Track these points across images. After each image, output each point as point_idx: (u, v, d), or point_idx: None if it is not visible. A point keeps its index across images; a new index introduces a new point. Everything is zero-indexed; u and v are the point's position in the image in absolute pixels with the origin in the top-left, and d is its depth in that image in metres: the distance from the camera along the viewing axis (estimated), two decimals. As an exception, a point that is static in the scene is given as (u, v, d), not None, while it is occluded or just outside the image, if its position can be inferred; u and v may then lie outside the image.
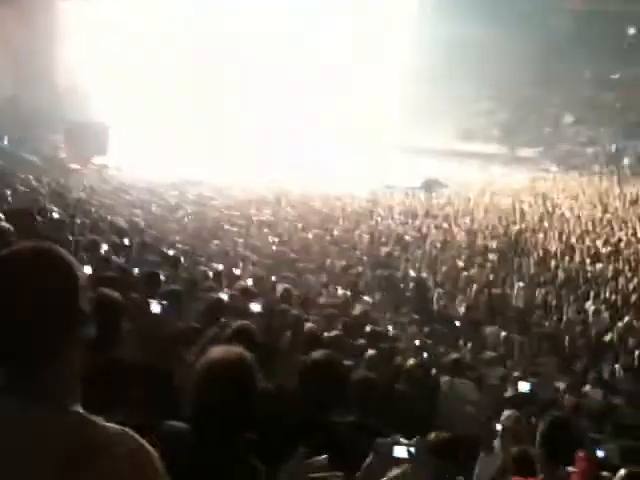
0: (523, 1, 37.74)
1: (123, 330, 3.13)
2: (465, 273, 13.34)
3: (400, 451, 2.05)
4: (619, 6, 37.43)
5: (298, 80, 34.39)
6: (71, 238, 7.07)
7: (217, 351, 1.94)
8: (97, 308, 2.93)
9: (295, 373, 3.31)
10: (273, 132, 31.77)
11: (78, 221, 11.16)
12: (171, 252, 9.69)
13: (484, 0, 37.05)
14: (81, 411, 1.26)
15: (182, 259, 9.04)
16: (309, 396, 3.06)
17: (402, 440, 2.04)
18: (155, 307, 4.59)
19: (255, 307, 5.41)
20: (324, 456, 1.87)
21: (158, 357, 3.09)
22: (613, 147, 34.65)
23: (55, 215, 9.09)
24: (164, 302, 4.67)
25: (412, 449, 2.04)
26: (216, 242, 13.33)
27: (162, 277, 6.27)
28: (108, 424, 1.26)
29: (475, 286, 12.31)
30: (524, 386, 5.99)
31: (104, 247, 7.62)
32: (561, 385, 7.37)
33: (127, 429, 1.26)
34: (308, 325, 5.99)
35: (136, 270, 6.95)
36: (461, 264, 14.01)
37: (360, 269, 13.19)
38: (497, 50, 38.16)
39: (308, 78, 34.44)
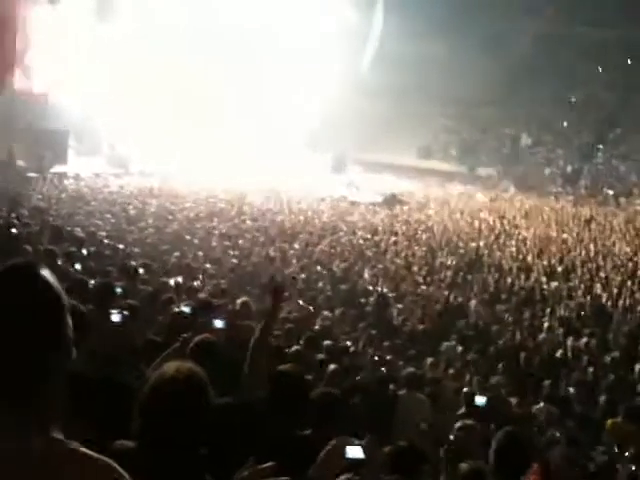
0: (484, 23, 38.47)
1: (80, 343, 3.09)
2: (424, 289, 13.50)
3: (354, 451, 2.06)
4: (578, 30, 38.45)
5: (257, 92, 34.57)
6: (29, 248, 6.95)
7: (167, 367, 1.90)
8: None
9: (257, 386, 3.33)
10: (237, 141, 31.86)
11: (36, 229, 11.01)
12: (130, 263, 9.58)
13: (446, 20, 37.64)
14: (63, 439, 1.24)
15: (141, 270, 8.94)
16: (277, 406, 3.08)
17: (355, 441, 2.05)
18: (115, 317, 4.52)
19: (218, 323, 5.36)
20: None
21: (115, 372, 3.05)
22: (569, 168, 35.47)
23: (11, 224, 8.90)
24: (125, 312, 4.60)
25: (363, 452, 2.04)
26: (176, 254, 13.22)
27: (119, 289, 6.20)
28: (91, 453, 1.23)
29: (433, 302, 12.47)
30: (480, 400, 6.05)
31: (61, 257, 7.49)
32: (514, 401, 7.48)
33: (110, 461, 1.23)
34: (270, 339, 5.98)
35: (92, 281, 6.86)
36: (420, 280, 14.17)
37: (321, 284, 13.21)
38: (457, 70, 38.85)
39: (267, 91, 34.68)
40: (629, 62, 38.78)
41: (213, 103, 33.06)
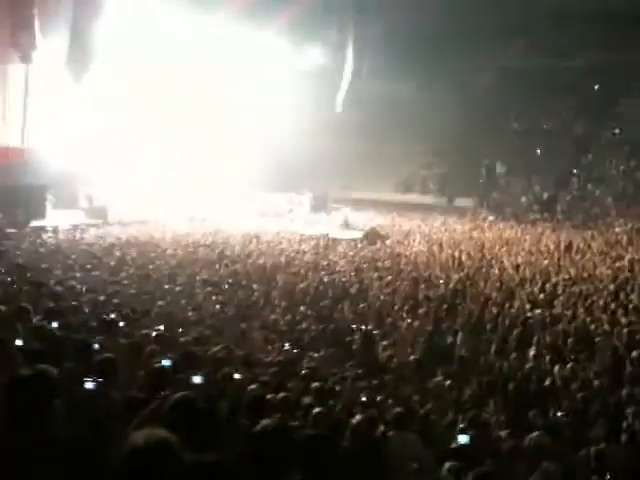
0: (453, 59, 39.22)
1: (56, 408, 3.03)
2: (409, 323, 13.46)
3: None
4: (545, 60, 39.31)
5: (231, 132, 34.87)
6: (3, 308, 6.85)
7: (136, 437, 1.87)
8: (32, 386, 2.85)
9: (237, 440, 3.26)
10: (214, 184, 32.05)
11: (14, 287, 10.88)
12: (110, 316, 9.48)
13: (415, 55, 38.35)
14: None
15: (122, 323, 8.84)
16: (259, 465, 3.02)
17: None
18: (89, 384, 4.45)
19: (196, 379, 5.31)
20: None
21: (92, 435, 2.97)
22: (545, 195, 35.90)
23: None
24: (98, 378, 4.52)
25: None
26: (160, 303, 13.13)
27: (96, 345, 6.11)
28: None
29: (419, 336, 12.44)
30: (463, 438, 6.01)
31: (38, 315, 7.39)
32: (503, 433, 7.41)
33: None
34: (252, 387, 5.91)
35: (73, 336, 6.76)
36: (405, 315, 14.13)
37: (305, 324, 13.14)
38: (429, 105, 39.51)
39: (241, 131, 35.02)
40: (596, 88, 39.65)
41: (188, 146, 33.31)
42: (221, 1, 31.22)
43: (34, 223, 22.98)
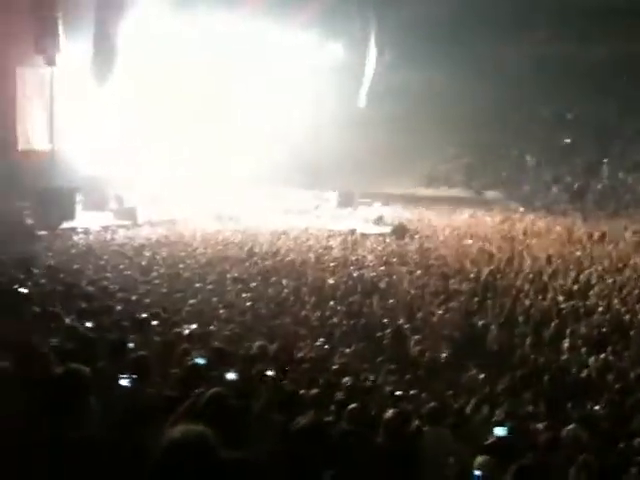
0: (477, 49, 38.84)
1: (91, 406, 3.04)
2: (440, 317, 13.37)
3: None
4: (572, 48, 38.73)
5: (256, 131, 34.89)
6: (37, 309, 6.94)
7: (174, 432, 1.87)
8: (65, 385, 2.86)
9: (270, 437, 3.25)
10: (239, 183, 32.20)
11: (47, 288, 11.02)
12: (142, 315, 9.55)
13: (439, 47, 38.03)
14: None
15: (154, 322, 8.90)
16: (294, 462, 3.02)
17: None
18: (124, 382, 4.48)
19: (230, 375, 5.30)
20: None
21: (129, 433, 2.98)
22: (576, 185, 35.39)
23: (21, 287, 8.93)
24: (133, 375, 4.55)
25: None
26: (191, 302, 13.22)
27: (131, 344, 6.15)
28: None
29: (452, 330, 12.35)
30: (500, 431, 5.93)
31: (71, 315, 7.47)
32: (540, 425, 7.31)
33: None
34: (285, 383, 5.91)
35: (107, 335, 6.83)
36: (436, 309, 14.03)
37: (336, 320, 13.13)
38: (455, 96, 39.14)
39: (265, 129, 35.00)
40: (624, 75, 38.98)
41: (212, 144, 33.43)
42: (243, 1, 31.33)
43: (65, 225, 23.26)
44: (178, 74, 31.22)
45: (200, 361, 5.73)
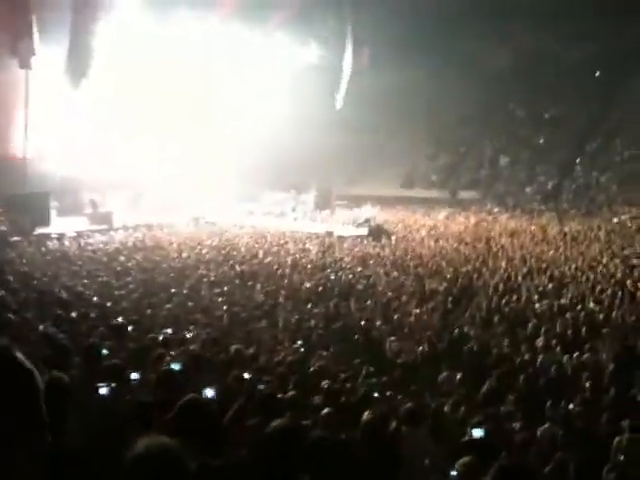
0: (453, 48, 39.09)
1: (68, 413, 3.02)
2: (417, 318, 13.43)
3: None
4: (550, 48, 39.10)
5: (231, 133, 34.78)
6: (12, 316, 6.85)
7: (138, 446, 1.83)
8: (45, 393, 2.83)
9: (246, 442, 3.24)
10: (216, 184, 32.08)
11: (22, 295, 10.88)
12: (118, 320, 9.47)
13: (416, 48, 38.13)
14: None
15: (129, 327, 8.83)
16: (268, 467, 3.01)
17: None
18: (103, 390, 4.44)
19: (209, 393, 5.19)
20: None
21: (105, 442, 2.96)
22: (550, 184, 35.76)
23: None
24: (111, 384, 4.52)
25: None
26: (167, 306, 13.13)
27: (105, 351, 6.10)
28: None
29: (428, 331, 12.40)
30: (478, 432, 5.98)
31: (45, 322, 7.39)
32: (517, 425, 7.38)
33: None
34: (262, 387, 5.90)
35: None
36: (413, 310, 14.08)
37: (313, 322, 13.12)
38: (430, 97, 39.32)
39: (242, 130, 34.93)
40: (597, 74, 39.48)
41: (188, 146, 33.30)
42: (216, 1, 31.24)
43: (39, 230, 22.99)
44: (155, 76, 31.05)
45: (176, 367, 5.70)
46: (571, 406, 8.33)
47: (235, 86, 35.26)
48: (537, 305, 13.87)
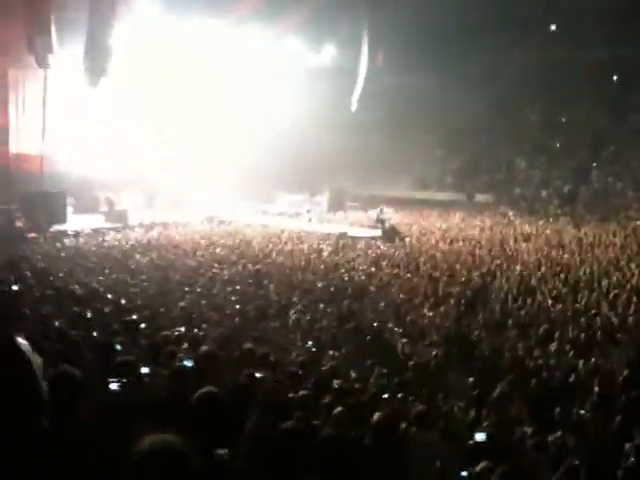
0: (470, 52, 38.97)
1: (79, 408, 3.04)
2: (430, 321, 13.39)
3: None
4: (565, 53, 38.89)
5: (249, 133, 34.85)
6: (27, 311, 6.92)
7: (142, 443, 1.82)
8: (54, 387, 2.87)
9: (257, 439, 3.25)
10: (233, 184, 32.21)
11: (37, 293, 10.98)
12: (132, 317, 9.54)
13: (432, 51, 38.10)
14: None
15: (143, 324, 8.89)
16: (278, 465, 3.02)
17: None
18: (113, 386, 4.47)
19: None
20: None
21: (114, 437, 2.98)
22: (566, 188, 35.54)
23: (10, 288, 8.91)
24: (123, 380, 4.55)
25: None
26: (181, 304, 13.20)
27: (118, 346, 6.14)
28: None
29: (441, 333, 12.37)
30: (480, 436, 5.96)
31: (60, 318, 7.46)
32: (529, 430, 7.34)
33: None
34: (274, 386, 5.92)
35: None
36: (426, 312, 14.05)
37: (325, 323, 13.13)
38: (447, 100, 39.25)
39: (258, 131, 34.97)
40: (614, 80, 39.20)
41: (208, 149, 33.45)
42: (234, 2, 31.31)
43: (55, 228, 23.21)
44: (171, 76, 31.20)
45: (189, 364, 5.72)
46: (582, 411, 8.28)
47: (250, 87, 35.34)
48: (551, 309, 13.78)
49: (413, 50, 37.62)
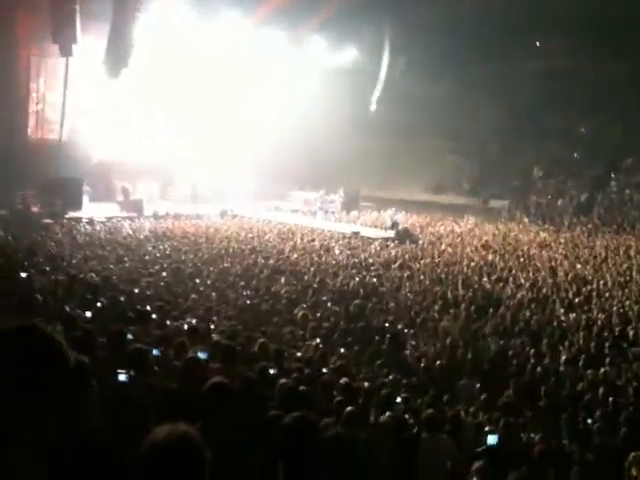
0: (490, 59, 38.79)
1: (89, 395, 3.06)
2: (440, 324, 13.36)
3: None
4: (582, 64, 38.64)
5: (265, 131, 34.85)
6: (39, 297, 6.97)
7: (157, 433, 1.81)
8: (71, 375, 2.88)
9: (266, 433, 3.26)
10: (248, 180, 32.28)
11: (52, 277, 11.05)
12: (144, 307, 9.59)
13: (450, 57, 37.95)
14: None
15: (154, 315, 8.93)
16: (286, 459, 3.03)
17: None
18: (122, 377, 4.49)
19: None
20: None
21: (125, 427, 2.98)
22: (582, 198, 35.33)
23: (23, 274, 8.98)
24: (131, 372, 4.56)
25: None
26: (193, 296, 13.25)
27: (130, 335, 6.17)
28: None
29: (450, 337, 12.34)
30: (492, 439, 5.94)
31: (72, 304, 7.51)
32: (536, 437, 7.32)
33: None
34: (284, 381, 5.92)
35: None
36: (436, 315, 14.03)
37: (334, 321, 13.13)
38: (465, 107, 39.08)
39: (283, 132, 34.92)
40: (635, 93, 38.87)
41: (225, 144, 33.50)
42: (258, 1, 31.34)
43: (70, 214, 23.36)
44: (192, 72, 31.26)
45: (202, 356, 5.73)
46: (590, 421, 8.25)
47: (268, 86, 35.34)
48: (562, 318, 13.72)
49: (433, 56, 37.50)
